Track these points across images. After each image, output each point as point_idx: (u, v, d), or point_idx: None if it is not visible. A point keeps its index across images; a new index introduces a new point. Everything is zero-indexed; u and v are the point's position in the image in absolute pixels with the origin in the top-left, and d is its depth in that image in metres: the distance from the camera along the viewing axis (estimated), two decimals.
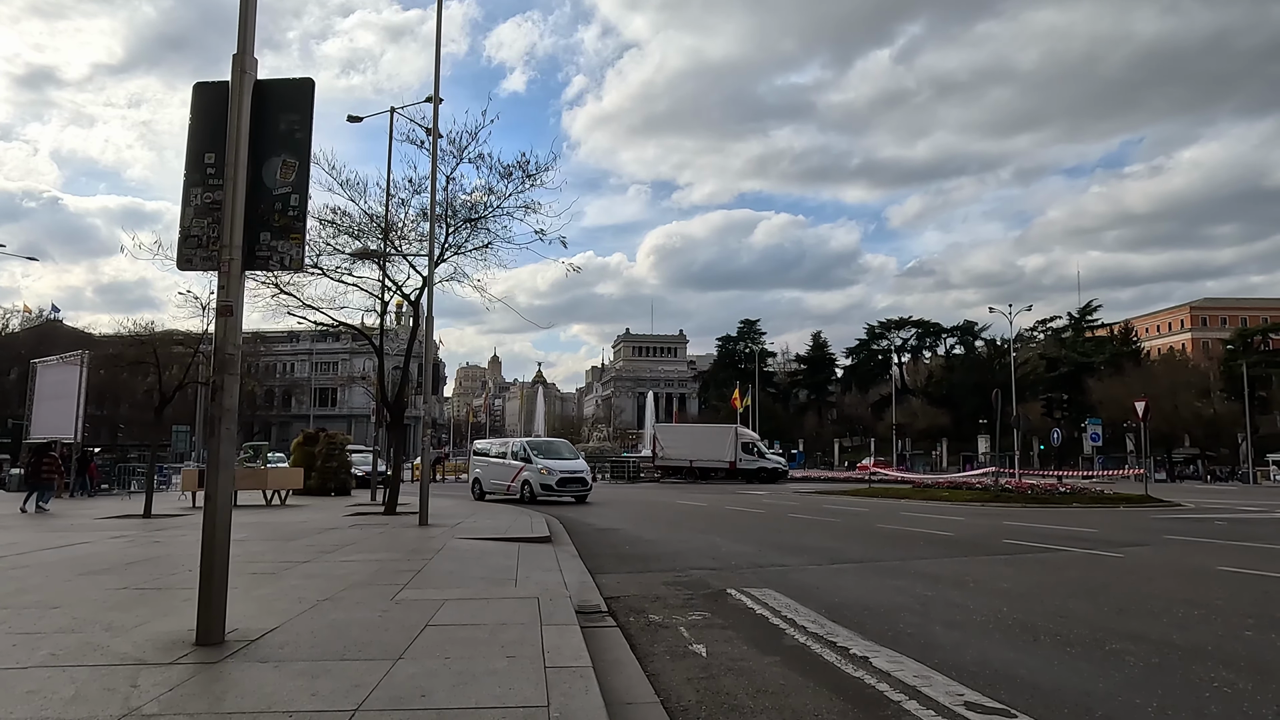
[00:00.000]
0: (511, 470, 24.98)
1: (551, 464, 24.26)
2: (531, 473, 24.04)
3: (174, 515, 16.45)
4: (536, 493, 23.68)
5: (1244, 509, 23.44)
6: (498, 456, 26.82)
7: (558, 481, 23.87)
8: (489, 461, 27.11)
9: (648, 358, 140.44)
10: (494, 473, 26.20)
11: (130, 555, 9.83)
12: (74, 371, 24.59)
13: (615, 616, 6.72)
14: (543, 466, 23.98)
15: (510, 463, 25.35)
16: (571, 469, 24.68)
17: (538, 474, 23.88)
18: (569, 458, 25.92)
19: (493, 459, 26.95)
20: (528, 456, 24.67)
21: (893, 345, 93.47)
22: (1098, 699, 4.49)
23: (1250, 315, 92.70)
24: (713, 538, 13.80)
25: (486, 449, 28.83)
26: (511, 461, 25.34)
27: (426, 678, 4.29)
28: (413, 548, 10.84)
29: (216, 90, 5.22)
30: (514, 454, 25.62)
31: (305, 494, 23.94)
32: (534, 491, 23.72)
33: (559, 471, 24.13)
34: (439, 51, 16.25)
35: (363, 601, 6.63)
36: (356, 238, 16.89)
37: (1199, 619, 6.80)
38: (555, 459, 24.88)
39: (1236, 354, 69.26)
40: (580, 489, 24.54)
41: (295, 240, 5.17)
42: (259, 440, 56.93)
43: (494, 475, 26.13)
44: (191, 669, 4.42)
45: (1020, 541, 13.11)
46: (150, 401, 21.59)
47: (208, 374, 20.23)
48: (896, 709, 4.30)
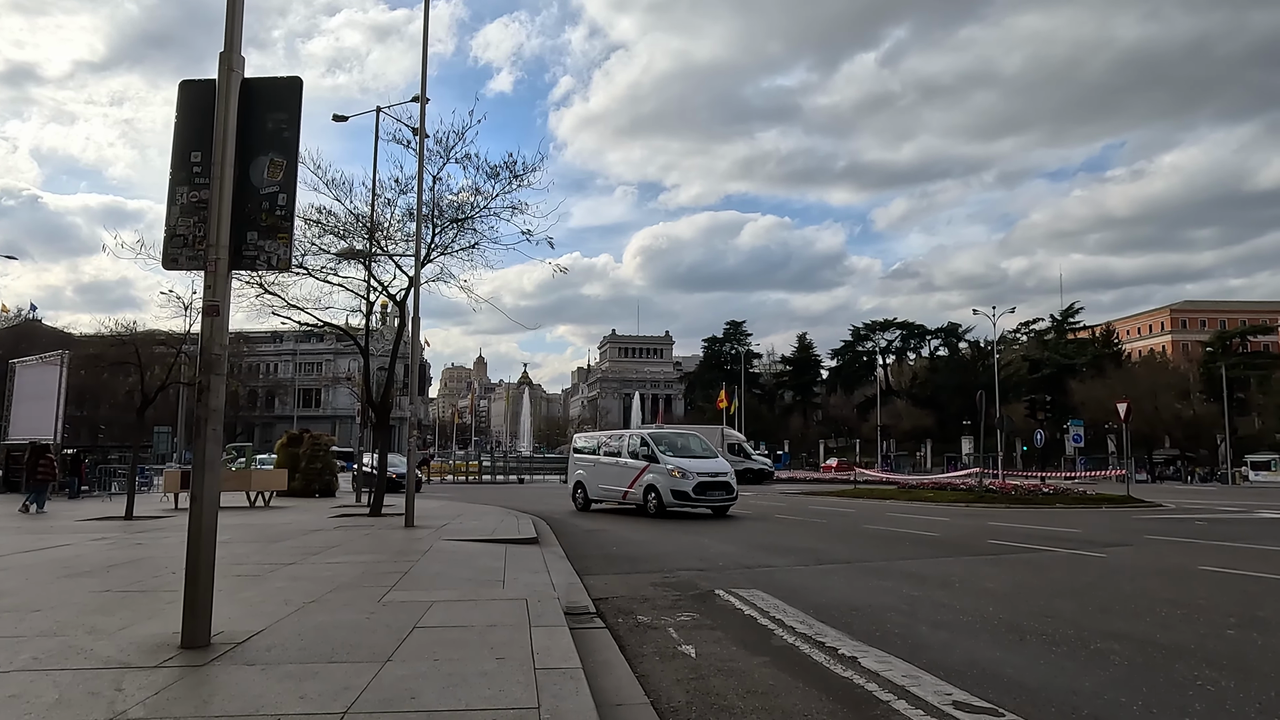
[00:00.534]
0: (629, 472, 19.89)
1: (686, 464, 18.97)
2: (659, 476, 18.84)
3: (156, 517, 16.27)
4: (666, 502, 18.59)
5: (1223, 509, 23.74)
6: (609, 455, 21.35)
7: (695, 487, 18.53)
8: (596, 462, 21.72)
9: (634, 359, 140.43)
10: (604, 476, 21.01)
11: (112, 558, 9.72)
12: (54, 371, 24.27)
13: (604, 618, 6.71)
14: (674, 467, 18.75)
15: (627, 462, 20.15)
16: (712, 471, 19.25)
17: (667, 477, 18.69)
18: (705, 455, 20.29)
19: (602, 458, 21.57)
20: (652, 454, 19.29)
21: (878, 347, 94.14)
22: (1084, 697, 4.53)
23: (1229, 318, 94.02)
24: (700, 538, 13.82)
25: (592, 445, 23.05)
26: (629, 461, 20.12)
27: (416, 680, 4.26)
28: (399, 549, 10.79)
29: (203, 88, 5.18)
30: (632, 451, 20.26)
31: (289, 495, 23.77)
32: (662, 500, 18.62)
33: (696, 474, 18.74)
34: (426, 51, 16.21)
35: (350, 603, 6.59)
36: (342, 238, 16.79)
37: (1181, 618, 6.87)
38: (688, 457, 19.53)
39: (1215, 356, 70.29)
40: (724, 498, 19.08)
41: (283, 240, 5.14)
42: (242, 441, 56.49)
43: (604, 479, 20.97)
44: (177, 672, 4.37)
45: (1005, 542, 13.21)
46: (131, 402, 21.39)
47: (190, 374, 20.17)
48: (886, 709, 4.32)
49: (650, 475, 19.01)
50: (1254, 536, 14.76)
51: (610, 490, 20.62)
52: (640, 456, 19.66)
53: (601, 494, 21.02)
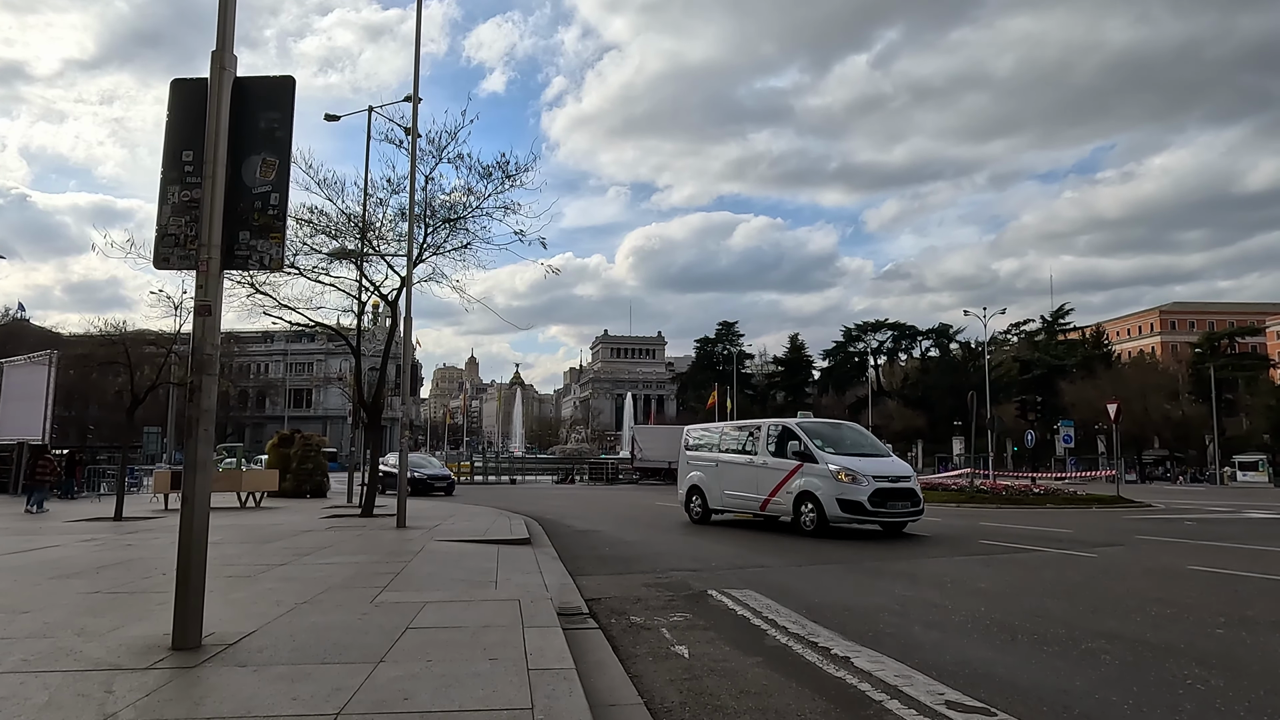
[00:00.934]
0: (770, 474, 15.26)
1: (855, 464, 14.17)
2: (818, 479, 14.13)
3: (146, 518, 16.18)
4: (831, 515, 13.79)
5: (1212, 509, 23.89)
6: (736, 452, 16.64)
7: (872, 496, 13.75)
8: (719, 461, 16.98)
9: (626, 359, 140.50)
10: (732, 479, 16.37)
11: (102, 559, 9.66)
12: (42, 371, 24.10)
13: (597, 618, 6.71)
14: (841, 468, 13.98)
15: (766, 462, 15.47)
16: (891, 474, 14.41)
17: (832, 482, 13.94)
18: (875, 452, 15.49)
19: (728, 457, 16.80)
20: (806, 450, 14.68)
21: (869, 348, 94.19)
22: (1075, 696, 4.56)
23: (1218, 319, 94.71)
24: (693, 539, 13.82)
25: (711, 439, 18.02)
26: (769, 461, 15.42)
27: (409, 681, 4.25)
28: (391, 550, 10.75)
29: (195, 87, 5.15)
30: (773, 446, 15.53)
31: (280, 496, 23.69)
32: (824, 513, 13.85)
33: (871, 478, 13.91)
34: (418, 51, 16.18)
35: (342, 604, 6.56)
36: (334, 237, 16.78)
37: (1171, 617, 6.91)
38: (856, 454, 14.76)
39: (1204, 357, 70.76)
40: (908, 510, 14.35)
41: (275, 239, 5.11)
42: (233, 442, 56.21)
43: (732, 483, 16.33)
44: (168, 674, 4.35)
45: (996, 542, 13.26)
46: (121, 402, 21.26)
47: (180, 374, 20.08)
48: (879, 709, 4.33)
49: (804, 479, 14.40)
50: (1242, 537, 14.86)
51: (742, 498, 16.06)
52: (787, 454, 15.04)
53: (728, 502, 16.46)
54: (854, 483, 13.82)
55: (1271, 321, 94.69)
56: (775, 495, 15.08)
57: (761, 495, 15.45)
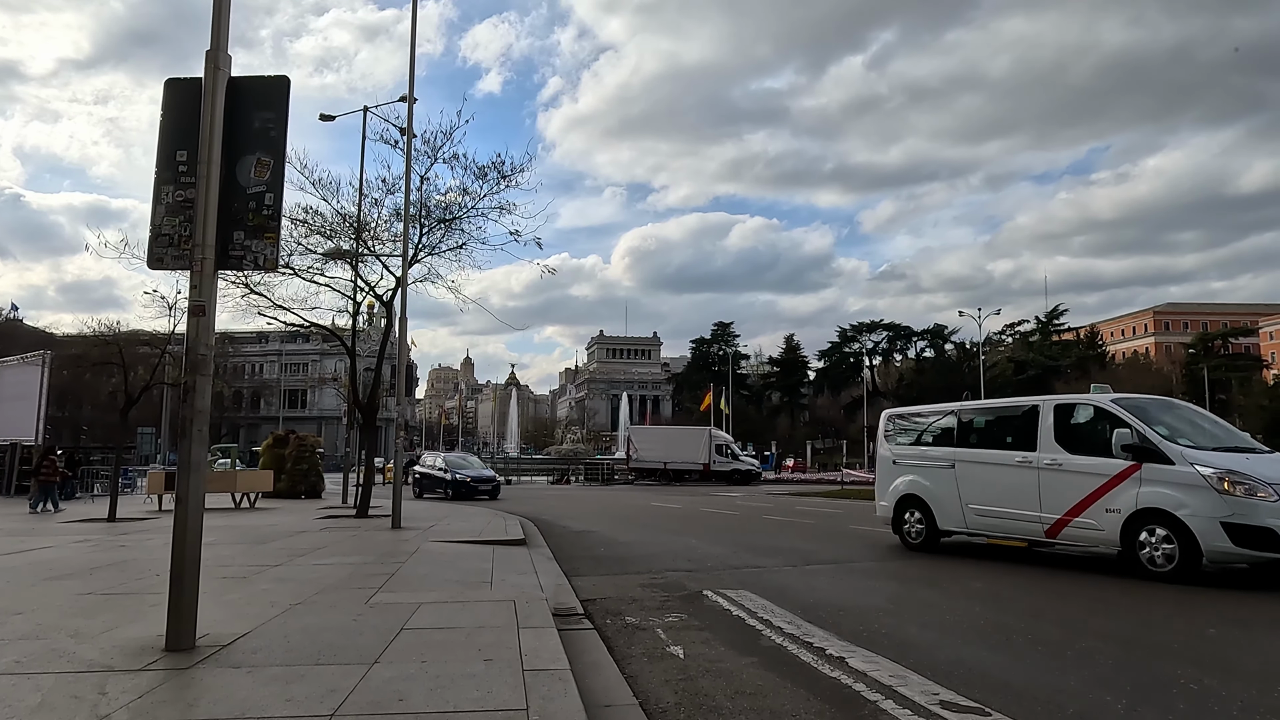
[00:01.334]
0: (1071, 481, 10.02)
1: (1244, 464, 8.96)
2: (1179, 490, 8.90)
3: (139, 519, 16.13)
4: (1210, 550, 8.61)
5: None
6: (985, 447, 11.54)
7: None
8: (955, 459, 11.78)
9: (622, 360, 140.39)
10: (983, 487, 11.25)
11: (95, 560, 9.63)
12: (35, 372, 24.01)
13: (592, 619, 6.71)
14: (1224, 472, 8.71)
15: (1062, 462, 10.18)
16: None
17: (1209, 495, 8.67)
18: (1247, 447, 10.00)
19: (970, 453, 11.64)
20: (1144, 442, 9.34)
21: (864, 348, 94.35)
22: (1069, 696, 4.57)
23: (1211, 320, 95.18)
24: (688, 539, 13.82)
25: (935, 424, 12.72)
26: (1066, 459, 10.16)
27: (403, 682, 4.25)
28: (386, 551, 10.74)
29: (189, 87, 5.14)
30: (1067, 436, 10.36)
31: (275, 496, 23.63)
32: (1200, 546, 8.63)
33: (1272, 487, 8.51)
34: (414, 51, 16.14)
35: (336, 605, 6.55)
36: (329, 237, 16.71)
37: (1165, 618, 6.94)
38: (1230, 449, 9.57)
39: (1198, 358, 71.14)
40: None
41: (270, 240, 5.10)
42: (227, 443, 56.12)
43: (985, 493, 11.20)
44: (162, 675, 4.33)
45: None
46: (114, 403, 21.25)
47: (174, 375, 20.00)
48: (873, 708, 4.34)
49: (1146, 488, 9.20)
50: None
51: (1007, 517, 10.88)
52: (1100, 448, 9.83)
53: (978, 522, 11.32)
54: (1250, 496, 8.51)
55: (1265, 322, 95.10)
56: (1080, 514, 9.87)
57: (1049, 514, 10.24)
